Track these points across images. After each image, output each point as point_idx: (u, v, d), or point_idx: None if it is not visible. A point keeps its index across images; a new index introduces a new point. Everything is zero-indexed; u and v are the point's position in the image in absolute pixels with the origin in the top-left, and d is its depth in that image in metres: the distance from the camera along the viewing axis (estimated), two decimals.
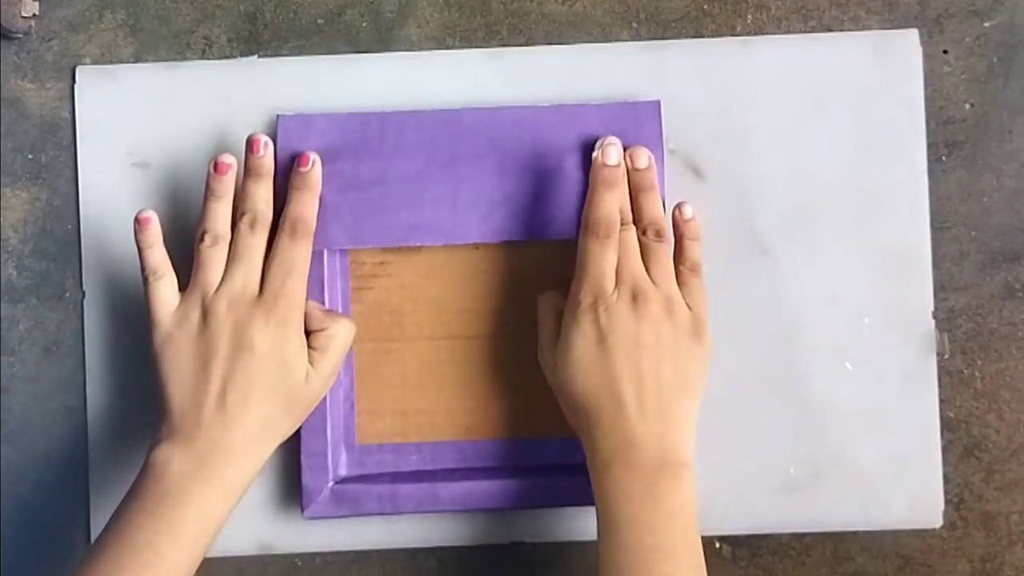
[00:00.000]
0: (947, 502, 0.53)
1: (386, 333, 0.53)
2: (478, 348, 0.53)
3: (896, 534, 0.53)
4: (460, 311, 0.53)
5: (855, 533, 0.53)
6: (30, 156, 0.54)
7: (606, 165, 0.49)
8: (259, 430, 0.47)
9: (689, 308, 0.48)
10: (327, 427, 0.51)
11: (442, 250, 0.52)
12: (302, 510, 0.51)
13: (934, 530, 0.53)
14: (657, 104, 0.52)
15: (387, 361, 0.53)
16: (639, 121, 0.51)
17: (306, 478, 0.51)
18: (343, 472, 0.52)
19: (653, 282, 0.48)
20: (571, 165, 0.51)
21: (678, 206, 0.50)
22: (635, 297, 0.48)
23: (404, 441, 0.52)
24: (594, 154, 0.50)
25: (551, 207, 0.51)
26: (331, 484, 0.51)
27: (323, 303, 0.51)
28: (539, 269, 0.52)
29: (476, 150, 0.51)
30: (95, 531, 0.53)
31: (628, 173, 0.50)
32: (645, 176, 0.50)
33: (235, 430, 0.46)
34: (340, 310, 0.52)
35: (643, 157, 0.50)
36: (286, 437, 0.48)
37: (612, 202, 0.49)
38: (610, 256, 0.48)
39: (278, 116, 0.52)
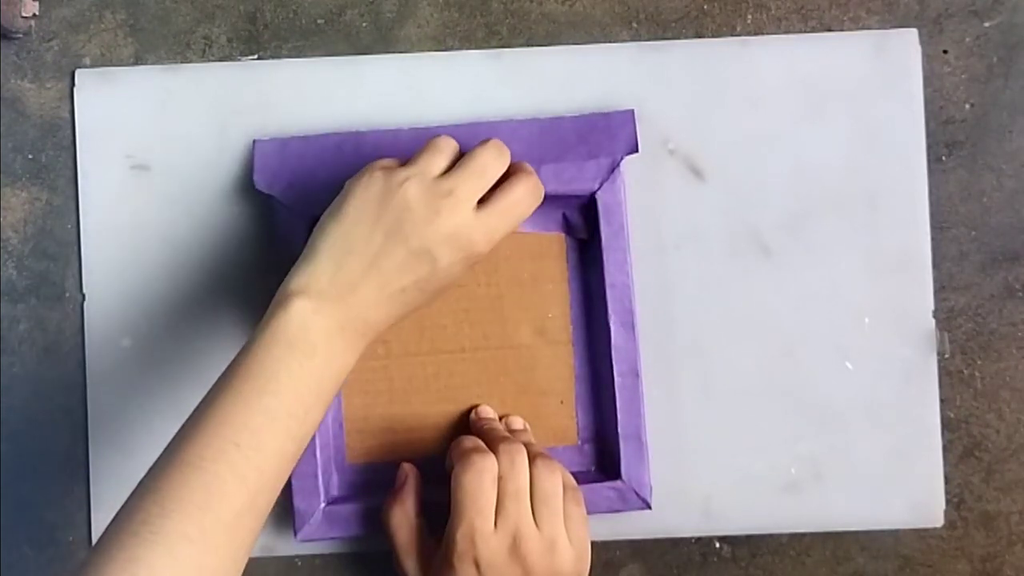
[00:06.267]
0: (947, 502, 0.53)
1: (371, 351, 0.51)
2: (464, 362, 0.52)
3: (896, 534, 0.53)
4: (444, 326, 0.52)
5: (855, 533, 0.53)
6: (30, 156, 0.54)
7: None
8: (398, 307, 0.44)
9: (571, 543, 0.45)
10: (316, 448, 0.50)
11: None
12: (295, 533, 0.50)
13: (934, 530, 0.53)
14: (631, 113, 0.51)
15: (373, 379, 0.52)
16: (614, 130, 0.51)
17: (297, 500, 0.50)
18: (335, 492, 0.52)
19: (537, 523, 0.45)
20: (547, 174, 0.50)
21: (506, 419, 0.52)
22: (515, 541, 0.44)
23: (394, 458, 0.51)
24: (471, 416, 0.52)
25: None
26: (323, 506, 0.50)
27: None
28: (518, 279, 0.52)
29: None
30: (95, 531, 0.53)
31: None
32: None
33: (380, 302, 0.43)
34: None
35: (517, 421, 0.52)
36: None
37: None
38: (488, 491, 0.45)
39: (254, 141, 0.52)
